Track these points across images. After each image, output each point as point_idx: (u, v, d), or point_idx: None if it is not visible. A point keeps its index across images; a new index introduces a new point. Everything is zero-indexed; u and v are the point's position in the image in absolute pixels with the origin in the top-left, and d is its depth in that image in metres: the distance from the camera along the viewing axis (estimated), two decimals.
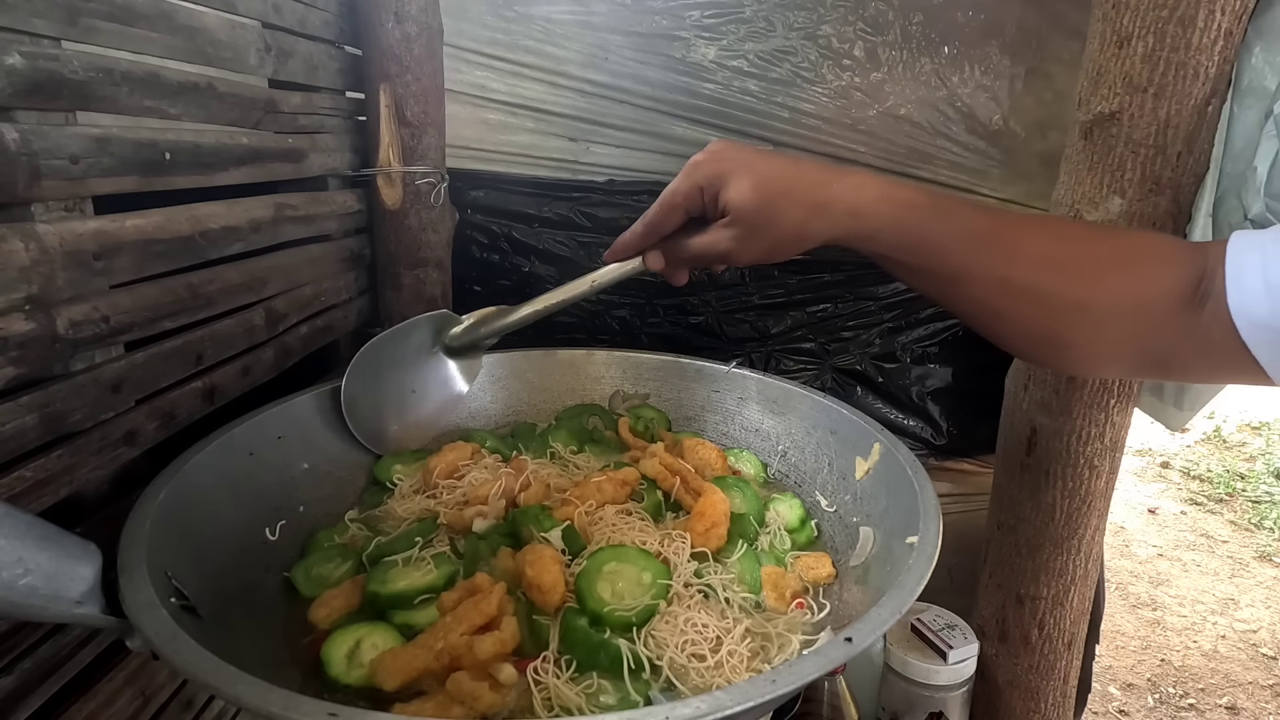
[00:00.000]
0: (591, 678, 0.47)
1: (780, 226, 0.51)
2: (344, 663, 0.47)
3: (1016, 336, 0.53)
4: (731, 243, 0.54)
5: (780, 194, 0.51)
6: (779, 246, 0.53)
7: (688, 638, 0.49)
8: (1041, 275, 0.49)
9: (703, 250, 0.56)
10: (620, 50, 0.93)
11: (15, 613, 0.38)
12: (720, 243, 0.54)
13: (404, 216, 0.87)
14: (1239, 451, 3.04)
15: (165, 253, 0.56)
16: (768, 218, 0.51)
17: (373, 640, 0.48)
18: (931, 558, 0.46)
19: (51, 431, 0.47)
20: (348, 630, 0.49)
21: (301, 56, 0.74)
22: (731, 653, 0.49)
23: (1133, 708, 1.75)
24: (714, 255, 0.55)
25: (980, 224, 0.51)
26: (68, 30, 0.47)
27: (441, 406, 0.73)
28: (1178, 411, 0.76)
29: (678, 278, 0.62)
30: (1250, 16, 0.62)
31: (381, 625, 0.50)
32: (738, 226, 0.53)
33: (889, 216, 0.51)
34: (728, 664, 0.48)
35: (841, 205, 0.51)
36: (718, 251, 0.55)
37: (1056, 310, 0.49)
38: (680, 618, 0.51)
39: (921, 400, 1.04)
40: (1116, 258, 0.49)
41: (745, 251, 0.54)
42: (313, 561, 0.58)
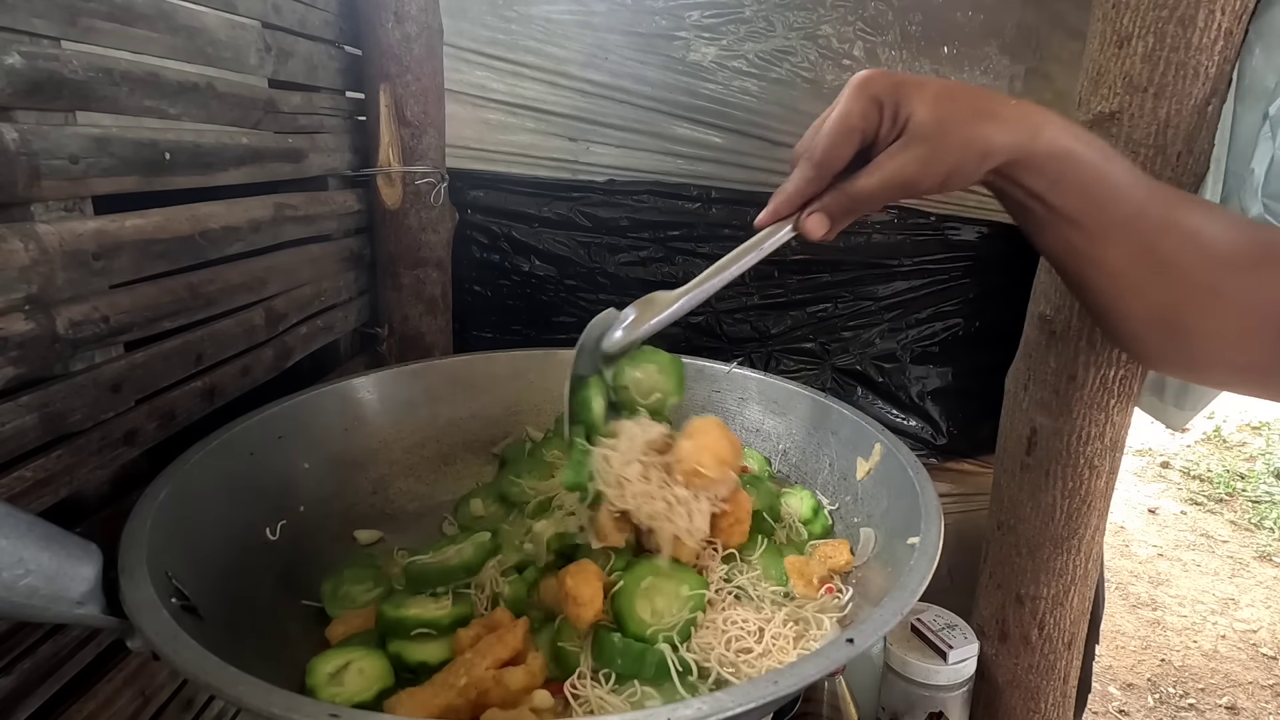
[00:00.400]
0: (634, 685, 0.46)
1: (964, 139, 0.46)
2: (325, 678, 0.46)
3: (1136, 316, 0.50)
4: (916, 165, 0.47)
5: (961, 103, 0.46)
6: (962, 166, 0.47)
7: (730, 635, 0.50)
8: (1188, 250, 0.47)
9: (883, 182, 0.48)
10: (620, 50, 0.93)
11: (16, 613, 0.38)
12: (906, 167, 0.47)
13: (404, 216, 0.87)
14: (1239, 451, 3.04)
15: (165, 253, 0.56)
16: (953, 134, 0.46)
17: (361, 665, 0.47)
18: (933, 559, 0.46)
19: (51, 431, 0.47)
20: (342, 650, 0.48)
21: (301, 56, 0.74)
22: (776, 636, 0.50)
23: (1133, 708, 1.75)
24: (899, 186, 0.48)
25: (1144, 180, 0.48)
26: (68, 30, 0.47)
27: None
28: (1178, 411, 0.76)
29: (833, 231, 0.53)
30: (1251, 17, 0.62)
31: (376, 653, 0.48)
32: (921, 144, 0.47)
33: (1067, 140, 0.47)
34: (775, 647, 0.49)
35: (1021, 119, 0.47)
36: (902, 179, 0.48)
37: (1188, 291, 0.48)
38: (720, 619, 0.51)
39: (921, 400, 1.04)
40: (1258, 253, 0.47)
41: (929, 175, 0.48)
42: (343, 580, 0.57)
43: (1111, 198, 0.48)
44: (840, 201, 0.50)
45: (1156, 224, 0.48)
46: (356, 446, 0.69)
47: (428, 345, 0.92)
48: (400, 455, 0.72)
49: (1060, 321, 0.73)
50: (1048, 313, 0.74)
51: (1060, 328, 0.73)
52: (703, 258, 1.00)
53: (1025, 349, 0.79)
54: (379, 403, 0.71)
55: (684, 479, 0.53)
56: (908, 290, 1.01)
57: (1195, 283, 0.48)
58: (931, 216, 0.98)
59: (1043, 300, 0.75)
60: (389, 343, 0.91)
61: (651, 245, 0.99)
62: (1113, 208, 0.48)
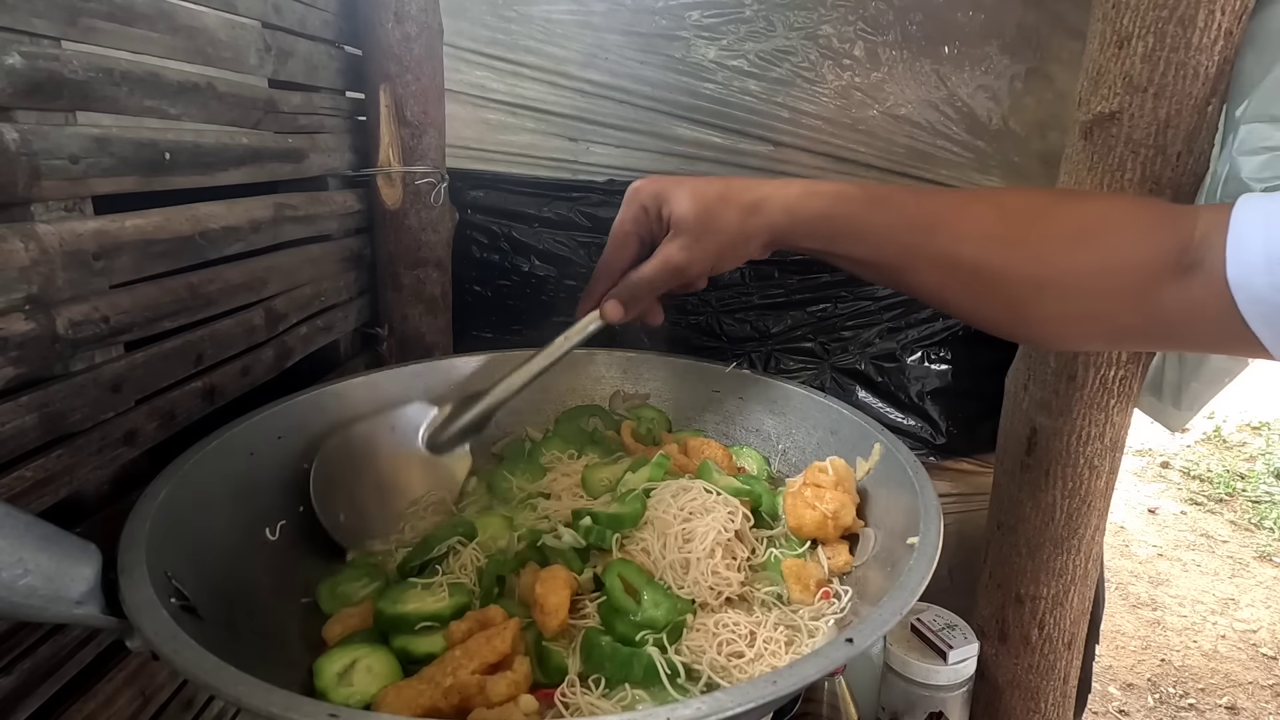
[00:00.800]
0: (625, 689, 0.46)
1: (722, 229, 0.54)
2: (334, 679, 0.46)
3: (979, 318, 0.53)
4: (682, 253, 0.55)
5: (717, 198, 0.54)
6: (726, 251, 0.55)
7: (721, 638, 0.50)
8: (990, 254, 0.49)
9: (658, 269, 0.57)
10: (620, 50, 0.93)
11: (15, 613, 0.38)
12: (672, 256, 0.56)
13: (404, 216, 0.87)
14: (1239, 451, 3.04)
15: (165, 253, 0.56)
16: (709, 222, 0.54)
17: (368, 663, 0.47)
18: (932, 559, 0.46)
19: (51, 431, 0.47)
20: (347, 648, 0.48)
21: (301, 56, 0.74)
22: (769, 640, 0.50)
23: (1133, 708, 1.75)
24: (669, 271, 0.57)
25: (918, 208, 0.51)
26: (68, 30, 0.47)
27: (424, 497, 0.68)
28: (1177, 411, 0.76)
29: (652, 315, 0.64)
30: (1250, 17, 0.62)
31: (381, 649, 0.48)
32: (684, 235, 0.55)
33: (822, 209, 0.52)
34: (767, 652, 0.49)
35: (774, 203, 0.53)
36: (672, 266, 0.56)
37: (1012, 289, 0.49)
38: (711, 621, 0.51)
39: (921, 400, 1.04)
40: (1071, 230, 0.48)
41: (696, 261, 0.55)
42: (340, 579, 0.57)
43: (888, 235, 0.51)
44: (625, 289, 0.60)
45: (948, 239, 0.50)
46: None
47: (428, 345, 0.92)
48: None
49: None
50: None
51: None
52: None
53: (1025, 349, 0.79)
54: (379, 403, 0.71)
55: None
56: None
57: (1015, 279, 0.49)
58: None
59: None
60: (389, 343, 0.91)
61: None
62: (894, 243, 0.51)
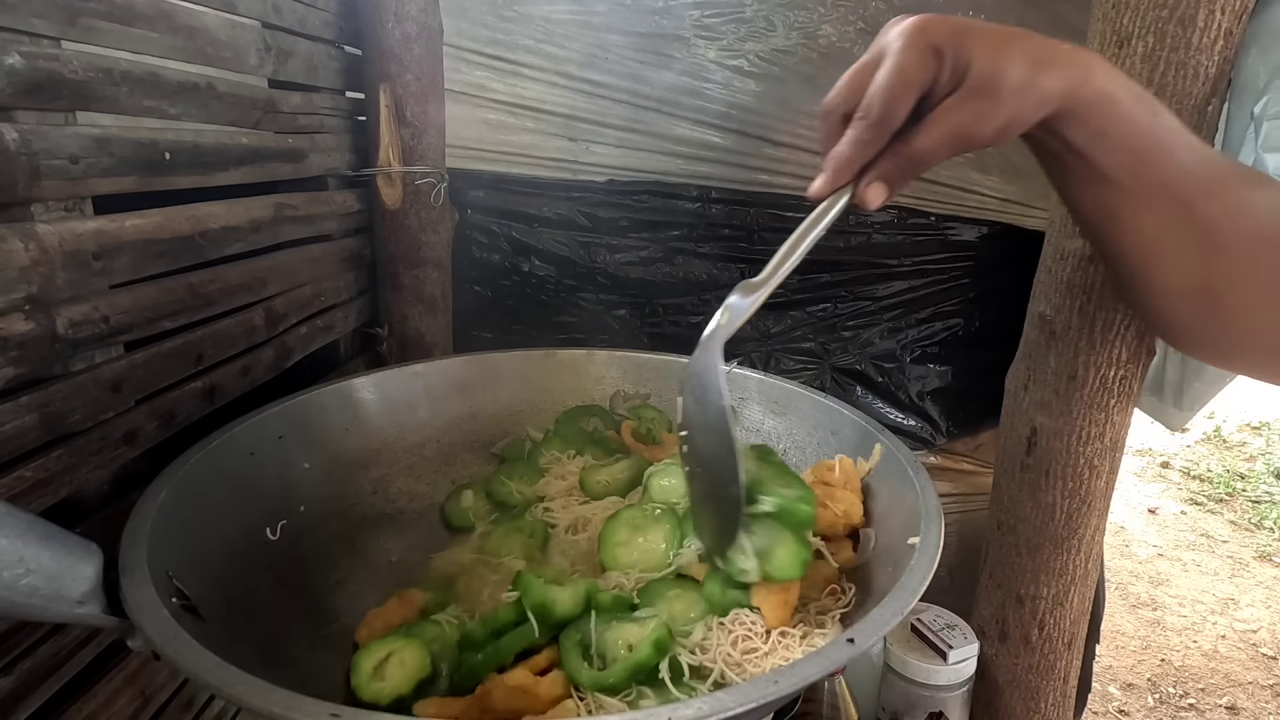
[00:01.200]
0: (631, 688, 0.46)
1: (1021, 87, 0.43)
2: (368, 675, 0.47)
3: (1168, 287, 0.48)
4: (976, 118, 0.44)
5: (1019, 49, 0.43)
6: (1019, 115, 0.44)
7: (737, 634, 0.49)
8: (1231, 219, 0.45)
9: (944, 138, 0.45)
10: (620, 50, 0.93)
11: (16, 613, 0.38)
12: (967, 122, 0.44)
13: (404, 216, 0.87)
14: (1239, 451, 3.04)
15: (165, 253, 0.56)
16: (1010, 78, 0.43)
17: (401, 656, 0.48)
18: (933, 559, 0.45)
19: (51, 431, 0.47)
20: (384, 642, 0.49)
21: (301, 56, 0.74)
22: (785, 633, 0.50)
23: (1133, 708, 1.75)
24: (957, 141, 0.45)
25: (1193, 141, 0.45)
26: (68, 30, 0.47)
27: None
28: (1178, 411, 0.76)
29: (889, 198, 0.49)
30: (1250, 16, 0.62)
31: (415, 641, 0.50)
32: (981, 96, 0.43)
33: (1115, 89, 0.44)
34: (781, 644, 0.49)
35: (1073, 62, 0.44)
36: (963, 134, 0.45)
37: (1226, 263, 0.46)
38: (728, 619, 0.51)
39: (921, 400, 1.04)
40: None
41: (989, 127, 0.44)
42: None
43: (1155, 155, 0.45)
44: (899, 165, 0.47)
45: (1201, 188, 0.45)
46: (356, 446, 0.69)
47: (428, 345, 0.92)
48: (400, 455, 0.72)
49: (1060, 321, 0.73)
50: (1048, 313, 0.74)
51: (1060, 328, 0.73)
52: (702, 257, 1.00)
53: (1025, 349, 0.79)
54: (379, 403, 0.71)
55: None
56: (908, 290, 1.01)
57: (1235, 255, 0.45)
58: (931, 216, 0.98)
59: (1043, 300, 0.75)
60: (389, 343, 0.91)
61: (651, 245, 0.99)
62: (1156, 166, 0.45)
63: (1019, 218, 0.97)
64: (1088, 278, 0.70)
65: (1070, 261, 0.71)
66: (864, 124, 0.45)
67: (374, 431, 0.70)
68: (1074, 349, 0.72)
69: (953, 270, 1.00)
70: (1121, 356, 0.71)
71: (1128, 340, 0.70)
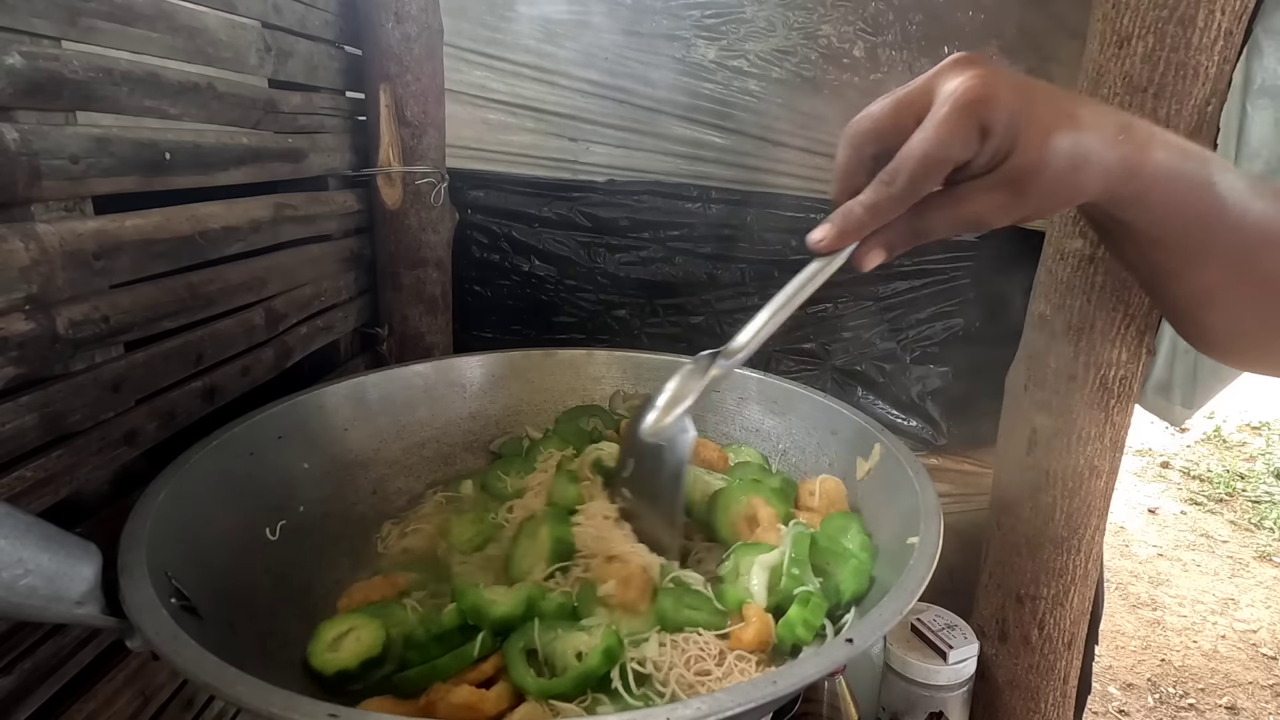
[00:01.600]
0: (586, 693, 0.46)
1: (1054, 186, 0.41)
2: (326, 644, 0.49)
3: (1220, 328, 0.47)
4: (998, 209, 0.41)
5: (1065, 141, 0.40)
6: (1043, 210, 0.42)
7: (690, 654, 0.49)
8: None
9: (959, 221, 0.43)
10: (620, 50, 0.93)
11: (15, 613, 0.38)
12: (988, 210, 0.42)
13: (404, 216, 0.87)
14: (1239, 451, 3.04)
15: (165, 253, 0.56)
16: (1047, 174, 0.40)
17: (359, 634, 0.49)
18: (932, 558, 0.45)
19: (51, 431, 0.47)
20: (348, 617, 0.51)
21: (301, 56, 0.74)
22: (742, 657, 0.49)
23: (1133, 708, 1.75)
24: (970, 224, 0.43)
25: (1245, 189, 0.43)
26: (68, 30, 0.47)
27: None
28: (1185, 409, 0.76)
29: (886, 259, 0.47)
30: (1250, 16, 0.62)
31: (375, 623, 0.50)
32: (1011, 189, 0.41)
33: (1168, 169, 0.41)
34: (736, 669, 0.48)
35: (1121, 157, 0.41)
36: (979, 220, 0.42)
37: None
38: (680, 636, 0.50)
39: (921, 400, 1.04)
40: None
41: (1007, 217, 0.42)
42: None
43: (1207, 221, 0.43)
44: (906, 237, 0.45)
45: (1256, 241, 0.43)
46: (356, 446, 0.69)
47: (428, 345, 0.92)
48: (400, 455, 0.72)
49: (1060, 321, 0.73)
50: (1048, 313, 0.74)
51: (1060, 328, 0.73)
52: (702, 258, 1.00)
53: (1025, 349, 0.79)
54: (379, 403, 0.71)
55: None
56: (908, 290, 1.01)
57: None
58: None
59: (1043, 300, 0.75)
60: (389, 343, 0.91)
61: (651, 245, 0.99)
62: (1209, 231, 0.43)
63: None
64: (1088, 278, 0.70)
65: (1070, 261, 0.71)
66: (887, 193, 0.43)
67: (374, 431, 0.70)
68: (1074, 349, 0.72)
69: (953, 270, 1.00)
70: (1121, 356, 0.71)
71: (1128, 340, 0.70)
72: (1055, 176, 0.40)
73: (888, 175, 0.42)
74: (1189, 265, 0.45)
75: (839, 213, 0.45)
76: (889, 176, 0.42)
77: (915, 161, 0.41)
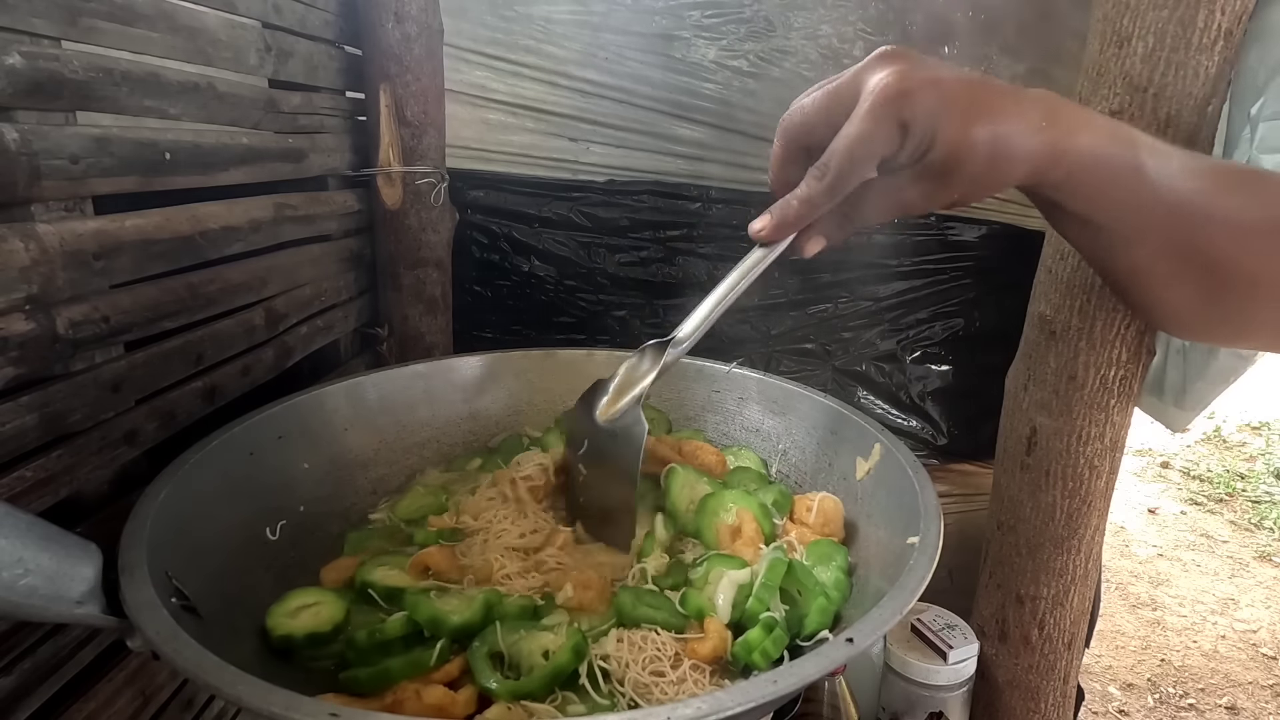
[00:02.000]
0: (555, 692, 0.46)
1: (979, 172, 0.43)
2: (287, 611, 0.50)
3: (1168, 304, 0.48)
4: (925, 197, 0.44)
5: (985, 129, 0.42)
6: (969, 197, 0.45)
7: (648, 654, 0.49)
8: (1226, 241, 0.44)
9: (889, 209, 0.46)
10: (620, 50, 0.93)
11: (15, 613, 0.38)
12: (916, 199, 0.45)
13: (404, 216, 0.87)
14: (1239, 451, 3.04)
15: (165, 253, 0.56)
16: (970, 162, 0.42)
17: (318, 609, 0.50)
18: (932, 558, 0.45)
19: (51, 431, 0.47)
20: (312, 590, 0.52)
21: (301, 56, 0.74)
22: (697, 667, 0.49)
23: (1133, 708, 1.75)
24: (900, 211, 0.46)
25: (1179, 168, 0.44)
26: (68, 30, 0.47)
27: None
28: (1179, 412, 0.76)
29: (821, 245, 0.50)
30: (1250, 17, 0.62)
31: (337, 600, 0.51)
32: (935, 179, 0.43)
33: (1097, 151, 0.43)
34: (690, 677, 0.48)
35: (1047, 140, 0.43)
36: (908, 207, 0.45)
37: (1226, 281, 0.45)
38: (638, 635, 0.50)
39: (921, 400, 1.04)
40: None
41: (934, 204, 0.45)
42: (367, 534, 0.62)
43: (1138, 202, 0.44)
44: (843, 225, 0.49)
45: (1191, 218, 0.44)
46: (356, 446, 0.69)
47: (428, 345, 0.92)
48: (400, 455, 0.72)
49: (1060, 321, 0.73)
50: (1048, 313, 0.74)
51: (1060, 328, 0.73)
52: (702, 258, 1.00)
53: (1025, 349, 0.79)
54: (379, 403, 0.71)
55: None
56: (908, 290, 1.01)
57: (1234, 277, 0.45)
58: (931, 216, 0.98)
59: (1043, 300, 0.75)
60: (389, 343, 0.92)
61: (651, 245, 0.99)
62: (1141, 212, 0.45)
63: (1019, 218, 0.97)
64: (1088, 278, 0.70)
65: (1070, 261, 0.72)
66: (819, 187, 0.45)
67: (374, 431, 0.70)
68: (1074, 349, 0.72)
69: (953, 270, 1.00)
70: (1121, 356, 0.71)
71: (1128, 340, 0.70)
72: (977, 166, 0.42)
73: (818, 170, 0.45)
74: (1125, 243, 0.46)
75: (777, 206, 0.48)
76: (819, 171, 0.44)
77: (842, 157, 0.43)
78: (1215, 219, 0.44)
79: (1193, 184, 0.45)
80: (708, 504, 0.61)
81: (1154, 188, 0.44)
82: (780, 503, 0.63)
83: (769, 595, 0.52)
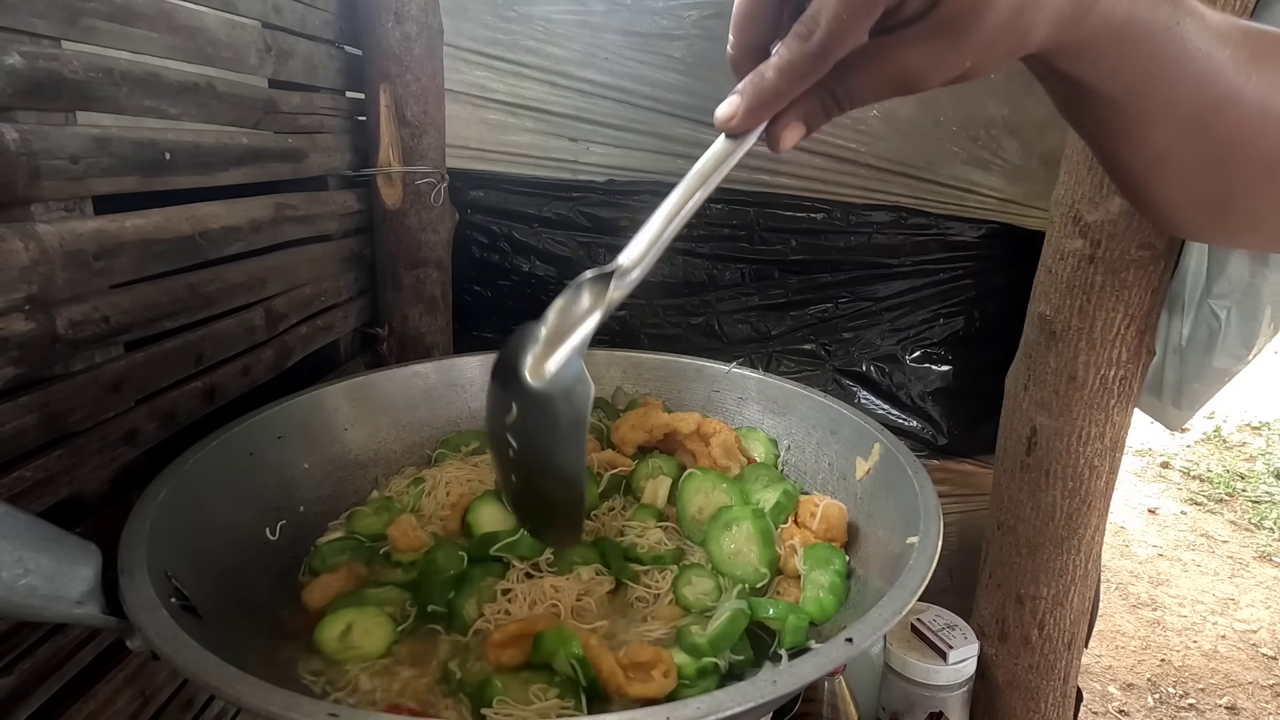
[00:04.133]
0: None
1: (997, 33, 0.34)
2: (337, 642, 0.50)
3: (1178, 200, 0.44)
4: (932, 61, 0.35)
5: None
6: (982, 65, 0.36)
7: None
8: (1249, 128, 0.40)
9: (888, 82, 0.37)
10: (620, 50, 0.93)
11: (15, 613, 0.38)
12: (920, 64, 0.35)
13: (404, 216, 0.87)
14: (1239, 451, 3.04)
15: (165, 253, 0.56)
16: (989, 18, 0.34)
17: (363, 625, 0.51)
18: (932, 558, 0.45)
19: (51, 431, 0.47)
20: (339, 614, 0.51)
21: (301, 56, 0.74)
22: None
23: (1133, 708, 1.75)
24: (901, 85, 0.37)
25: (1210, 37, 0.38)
26: (68, 30, 0.47)
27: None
28: (1177, 411, 0.76)
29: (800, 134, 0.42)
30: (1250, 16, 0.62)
31: (369, 609, 0.52)
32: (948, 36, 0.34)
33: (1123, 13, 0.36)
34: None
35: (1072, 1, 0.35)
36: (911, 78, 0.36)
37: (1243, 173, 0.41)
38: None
39: (922, 400, 1.04)
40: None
41: (943, 73, 0.36)
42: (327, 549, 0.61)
43: (1166, 71, 0.38)
44: (828, 105, 0.39)
45: (1217, 98, 0.39)
46: (356, 446, 0.69)
47: (428, 345, 0.92)
48: (400, 455, 0.72)
49: (1060, 321, 0.73)
50: (1048, 313, 0.74)
51: (1060, 328, 0.73)
52: (703, 257, 1.00)
53: (1025, 349, 0.79)
54: (379, 403, 0.71)
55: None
56: (908, 290, 1.01)
57: (1253, 164, 0.41)
58: (931, 216, 0.98)
59: (1043, 300, 0.75)
60: (389, 343, 0.92)
61: None
62: (1165, 86, 0.39)
63: (1019, 218, 0.97)
64: (1088, 278, 0.70)
65: (1070, 261, 0.72)
66: (803, 50, 0.35)
67: (374, 431, 0.70)
68: (1074, 349, 0.72)
69: (953, 270, 1.00)
70: (1121, 356, 0.71)
71: (1128, 340, 0.70)
72: (999, 20, 0.34)
73: (804, 27, 0.35)
74: (1143, 125, 0.41)
75: (748, 81, 0.39)
76: (805, 29, 0.35)
77: (837, 6, 0.33)
78: (1246, 96, 0.39)
79: (1229, 52, 0.39)
80: (721, 517, 0.61)
81: (1187, 51, 0.38)
82: (785, 504, 0.63)
83: (725, 644, 0.50)
